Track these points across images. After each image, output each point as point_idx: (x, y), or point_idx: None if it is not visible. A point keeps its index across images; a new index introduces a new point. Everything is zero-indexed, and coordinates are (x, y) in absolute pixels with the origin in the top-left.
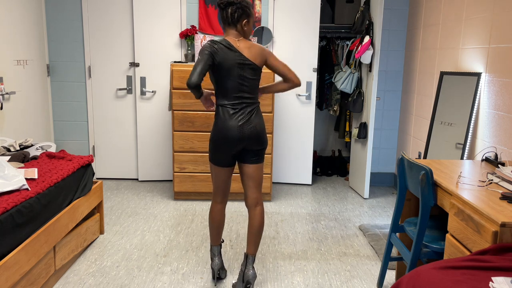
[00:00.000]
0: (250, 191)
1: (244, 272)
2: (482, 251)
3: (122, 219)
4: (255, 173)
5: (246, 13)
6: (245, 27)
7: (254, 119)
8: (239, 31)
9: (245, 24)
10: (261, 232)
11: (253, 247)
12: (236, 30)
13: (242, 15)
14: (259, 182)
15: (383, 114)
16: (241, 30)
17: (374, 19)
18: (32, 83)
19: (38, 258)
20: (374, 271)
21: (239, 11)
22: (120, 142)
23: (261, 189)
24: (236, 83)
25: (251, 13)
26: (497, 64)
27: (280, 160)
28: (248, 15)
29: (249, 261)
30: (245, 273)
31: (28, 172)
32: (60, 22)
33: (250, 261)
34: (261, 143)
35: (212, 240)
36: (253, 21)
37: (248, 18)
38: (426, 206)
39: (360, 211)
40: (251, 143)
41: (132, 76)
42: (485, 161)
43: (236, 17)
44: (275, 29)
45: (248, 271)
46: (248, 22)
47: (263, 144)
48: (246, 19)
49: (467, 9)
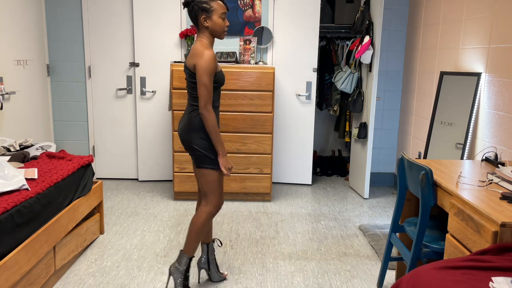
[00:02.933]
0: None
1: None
2: (482, 251)
3: (122, 219)
4: (196, 175)
5: (202, 8)
6: (206, 23)
7: (181, 122)
8: (202, 30)
9: (204, 20)
10: (190, 231)
11: (184, 244)
12: (199, 31)
13: (198, 11)
14: (201, 186)
15: (383, 114)
16: (203, 27)
17: (374, 19)
18: (32, 83)
19: (38, 258)
20: (374, 271)
21: (195, 8)
22: (120, 142)
23: (208, 195)
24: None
25: (211, 6)
26: (497, 64)
27: (280, 160)
28: (204, 9)
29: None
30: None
31: (28, 172)
32: (60, 22)
33: (180, 255)
34: (187, 147)
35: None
36: (220, 14)
37: (206, 13)
38: (426, 206)
39: (360, 211)
40: (183, 145)
41: (132, 76)
42: (485, 161)
43: (194, 16)
44: (275, 29)
45: (171, 266)
46: (209, 18)
47: (189, 149)
48: (204, 15)
49: (467, 9)
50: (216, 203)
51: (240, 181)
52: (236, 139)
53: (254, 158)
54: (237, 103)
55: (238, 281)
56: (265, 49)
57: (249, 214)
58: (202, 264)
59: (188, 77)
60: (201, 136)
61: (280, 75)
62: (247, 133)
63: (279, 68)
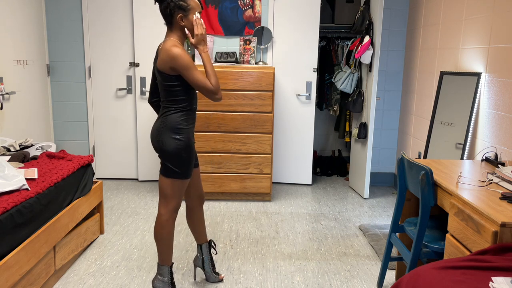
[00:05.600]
0: None
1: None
2: (482, 251)
3: (122, 219)
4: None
5: (179, 6)
6: (182, 22)
7: (152, 127)
8: (174, 29)
9: (180, 18)
10: (155, 239)
11: (158, 255)
12: (171, 29)
13: (175, 8)
14: (161, 193)
15: (383, 114)
16: (178, 26)
17: (374, 19)
18: (32, 83)
19: (38, 258)
20: (374, 271)
21: (172, 5)
22: (120, 142)
23: (165, 202)
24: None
25: (188, 5)
26: (497, 64)
27: (280, 160)
28: (181, 8)
29: (158, 268)
30: (153, 281)
31: (28, 172)
32: (60, 22)
33: (158, 268)
34: (156, 150)
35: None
36: (195, 13)
37: (183, 11)
38: (426, 206)
39: (360, 211)
40: (155, 150)
41: (132, 76)
42: (485, 161)
43: (168, 13)
44: (275, 29)
45: (154, 280)
46: (185, 16)
47: (158, 151)
48: (181, 13)
49: (467, 9)
50: (174, 207)
51: (240, 181)
52: (236, 139)
53: (254, 158)
54: (237, 103)
55: (238, 281)
56: (265, 49)
57: (249, 214)
58: (196, 262)
59: (162, 80)
60: (173, 136)
61: (280, 75)
62: (247, 133)
63: (279, 68)
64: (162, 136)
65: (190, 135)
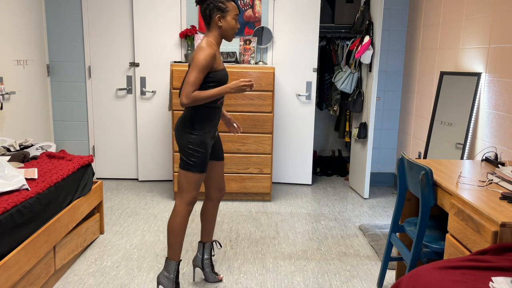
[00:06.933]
0: None
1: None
2: (482, 251)
3: (122, 219)
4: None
5: (218, 8)
6: (220, 23)
7: (178, 120)
8: (212, 30)
9: (218, 19)
10: (167, 234)
11: (167, 250)
12: (209, 30)
13: (214, 9)
14: (178, 184)
15: (383, 114)
16: (216, 27)
17: (374, 19)
18: (32, 83)
19: (38, 258)
20: (374, 271)
21: (211, 6)
22: (120, 142)
23: (180, 194)
24: None
25: (226, 7)
26: (497, 64)
27: (280, 160)
28: (220, 9)
29: (165, 263)
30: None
31: (28, 172)
32: (60, 22)
33: (166, 263)
34: (178, 144)
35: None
36: (233, 15)
37: (221, 12)
38: (426, 206)
39: (360, 211)
40: (177, 142)
41: (132, 76)
42: (485, 161)
43: (208, 14)
44: (275, 29)
45: (160, 275)
46: (223, 18)
47: (178, 146)
48: (219, 14)
49: (467, 9)
50: (188, 200)
51: (240, 181)
52: (236, 139)
53: (254, 158)
54: (237, 103)
55: (238, 281)
56: (265, 49)
57: (249, 214)
58: (196, 262)
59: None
60: (188, 130)
61: (280, 75)
62: (247, 133)
63: (279, 68)
64: (179, 130)
65: (206, 131)
